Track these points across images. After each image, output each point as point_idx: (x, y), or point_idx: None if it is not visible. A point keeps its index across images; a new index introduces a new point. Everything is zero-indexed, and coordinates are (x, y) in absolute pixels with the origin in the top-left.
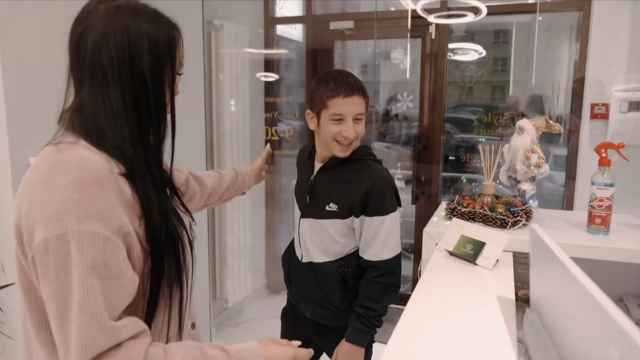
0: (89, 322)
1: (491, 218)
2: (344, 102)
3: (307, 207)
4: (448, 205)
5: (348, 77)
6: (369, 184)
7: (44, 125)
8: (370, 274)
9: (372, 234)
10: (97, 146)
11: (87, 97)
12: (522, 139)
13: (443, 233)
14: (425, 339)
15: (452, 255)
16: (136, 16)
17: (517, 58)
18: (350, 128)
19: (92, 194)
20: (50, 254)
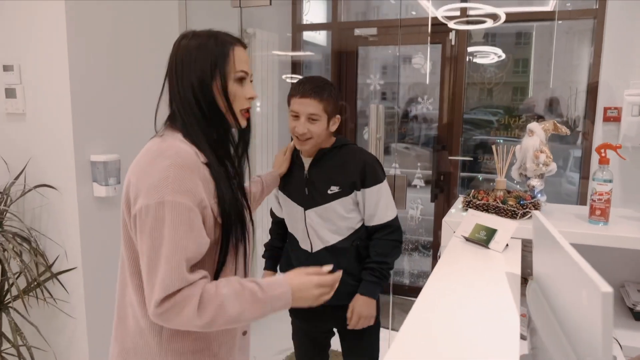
0: (170, 270)
1: (503, 209)
2: (298, 101)
3: (308, 199)
4: (465, 199)
5: (312, 81)
6: (362, 161)
7: (101, 127)
8: (380, 234)
9: (376, 200)
10: (189, 140)
11: (177, 109)
12: (532, 140)
13: (460, 222)
14: (444, 306)
15: (467, 241)
16: (202, 40)
17: (537, 60)
18: (301, 125)
19: (183, 175)
20: (149, 217)
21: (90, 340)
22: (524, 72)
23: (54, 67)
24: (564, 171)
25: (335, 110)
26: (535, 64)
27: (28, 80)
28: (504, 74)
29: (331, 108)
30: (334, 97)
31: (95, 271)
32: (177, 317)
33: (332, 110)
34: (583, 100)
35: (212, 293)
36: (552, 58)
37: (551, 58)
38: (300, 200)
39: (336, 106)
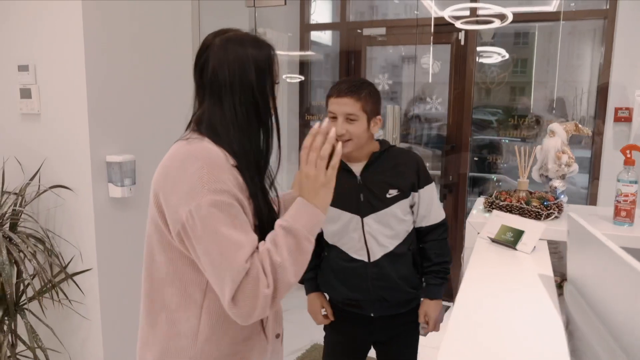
0: (231, 269)
1: (527, 210)
2: (335, 101)
3: (365, 206)
4: (487, 200)
5: (350, 80)
6: (415, 162)
7: (117, 127)
8: (435, 234)
9: (429, 200)
10: (217, 143)
11: (207, 108)
12: (554, 140)
13: (483, 223)
14: (485, 312)
15: (493, 242)
16: (242, 44)
17: (538, 60)
18: (339, 126)
19: (216, 174)
20: (196, 220)
21: (105, 342)
22: (523, 72)
23: (70, 67)
24: None
25: (375, 110)
26: (537, 64)
27: (43, 80)
28: (506, 74)
29: (370, 107)
30: (373, 97)
31: (111, 272)
32: (253, 301)
33: (371, 110)
34: (588, 101)
35: (267, 263)
36: (558, 58)
37: (551, 58)
38: (355, 209)
39: (376, 106)
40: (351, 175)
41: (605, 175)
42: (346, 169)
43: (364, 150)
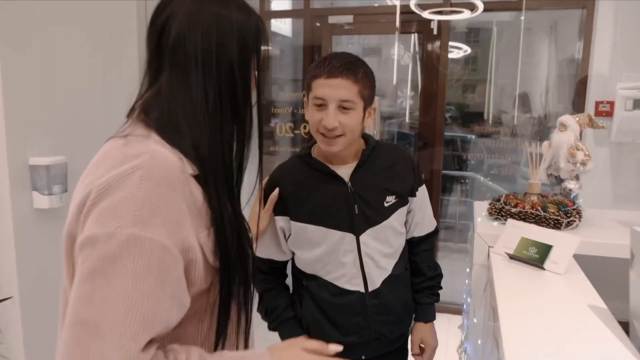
0: (115, 344)
1: (544, 218)
2: (326, 83)
3: (359, 220)
4: (493, 206)
5: (342, 57)
6: (409, 159)
7: (43, 124)
8: (428, 243)
9: (424, 205)
10: (171, 142)
11: (165, 88)
12: (565, 135)
13: (495, 235)
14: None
15: (512, 259)
16: (225, 4)
17: (498, 56)
18: (330, 116)
19: (159, 195)
20: (95, 252)
21: None
22: (483, 68)
23: None
24: (517, 166)
25: (371, 98)
26: (497, 59)
27: None
28: (466, 70)
29: (367, 93)
30: (370, 79)
31: (36, 301)
32: None
33: (368, 95)
34: (555, 96)
35: None
36: (520, 52)
37: (510, 54)
38: (347, 225)
39: (372, 91)
40: (338, 182)
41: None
42: (331, 174)
43: (353, 148)
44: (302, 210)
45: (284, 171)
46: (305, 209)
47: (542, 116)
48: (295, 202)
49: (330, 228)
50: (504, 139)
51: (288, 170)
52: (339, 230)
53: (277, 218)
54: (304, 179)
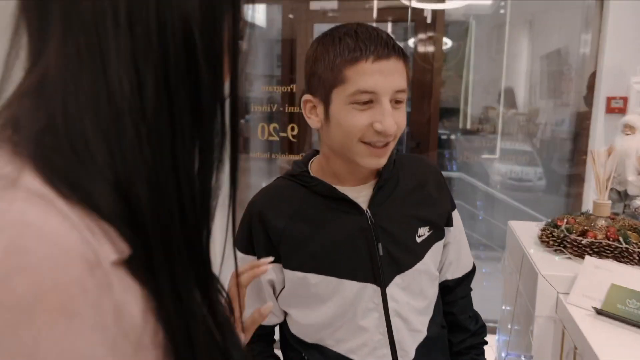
0: None
1: (627, 253)
2: (375, 68)
3: (384, 265)
4: (548, 232)
5: (377, 31)
6: (439, 175)
7: None
8: (465, 287)
9: (458, 234)
10: (66, 189)
11: (55, 72)
12: (635, 140)
13: (566, 278)
14: None
15: (601, 315)
16: None
17: (477, 51)
18: (388, 115)
19: (45, 333)
20: None
21: None
22: (454, 64)
23: None
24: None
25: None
26: (477, 54)
27: None
28: (449, 65)
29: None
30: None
31: None
32: None
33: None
34: (537, 92)
35: None
36: (505, 47)
37: (494, 49)
38: (368, 272)
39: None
40: (353, 211)
41: None
42: (343, 200)
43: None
44: (302, 253)
45: (270, 198)
46: (306, 251)
47: (529, 112)
48: (291, 242)
49: (344, 278)
50: (490, 136)
51: (277, 197)
52: (357, 280)
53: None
54: (303, 207)
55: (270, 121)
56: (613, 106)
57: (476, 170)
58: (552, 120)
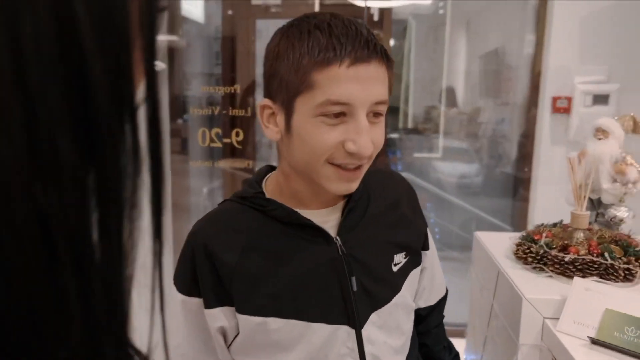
0: None
1: (612, 269)
2: (351, 74)
3: (359, 302)
4: (525, 247)
5: (355, 26)
6: (412, 191)
7: None
8: (439, 314)
9: (432, 257)
10: None
11: None
12: (607, 145)
13: (552, 301)
14: None
15: (596, 345)
16: None
17: (417, 51)
18: (364, 133)
19: None
20: None
21: None
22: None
23: None
24: (443, 162)
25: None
26: (415, 54)
27: None
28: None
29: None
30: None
31: None
32: None
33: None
34: (479, 90)
35: None
36: (446, 46)
37: (429, 47)
38: (341, 312)
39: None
40: (320, 239)
41: (544, 179)
42: (308, 227)
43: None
44: (259, 293)
45: (217, 226)
46: (264, 291)
47: (471, 111)
48: (245, 280)
49: (312, 321)
50: (433, 135)
51: (226, 225)
52: (327, 323)
53: (212, 312)
54: (258, 237)
55: (211, 125)
56: (558, 106)
57: (420, 169)
58: (494, 120)
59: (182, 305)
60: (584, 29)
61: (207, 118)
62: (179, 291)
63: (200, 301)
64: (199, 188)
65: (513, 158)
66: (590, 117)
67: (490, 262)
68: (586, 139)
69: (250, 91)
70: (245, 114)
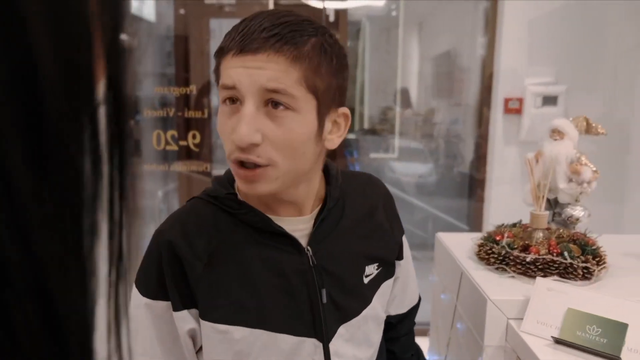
0: None
1: (572, 268)
2: (237, 61)
3: (328, 315)
4: (487, 248)
5: (273, 16)
6: (389, 197)
7: None
8: (410, 322)
9: (406, 265)
10: None
11: None
12: (563, 146)
13: (516, 302)
14: None
15: (561, 344)
16: None
17: (371, 52)
18: (243, 121)
19: None
20: None
21: None
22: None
23: None
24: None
25: (338, 93)
26: (369, 55)
27: None
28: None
29: (326, 81)
30: (333, 56)
31: None
32: None
33: (328, 87)
34: (431, 92)
35: None
36: (399, 48)
37: (381, 49)
38: (309, 324)
39: (342, 82)
40: (290, 248)
41: (499, 179)
42: (278, 234)
43: (309, 187)
44: (224, 301)
45: (184, 227)
46: (230, 298)
47: (425, 112)
48: (210, 286)
49: (278, 332)
50: (389, 136)
51: (194, 226)
52: (294, 334)
53: (181, 314)
54: (228, 242)
55: (166, 127)
56: (510, 107)
57: (377, 170)
58: (448, 120)
59: (147, 309)
60: (532, 31)
61: (160, 120)
62: (143, 295)
63: (167, 304)
64: (154, 191)
65: (467, 158)
66: (540, 118)
67: (453, 263)
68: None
69: (205, 92)
70: (202, 115)
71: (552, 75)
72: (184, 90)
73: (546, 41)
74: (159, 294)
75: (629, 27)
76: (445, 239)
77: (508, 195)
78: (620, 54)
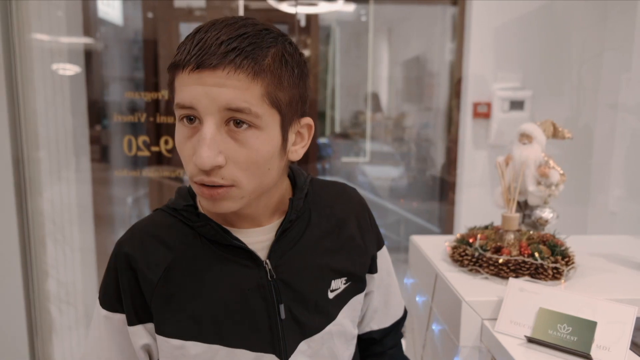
0: None
1: (542, 269)
2: (194, 78)
3: (287, 331)
4: (461, 250)
5: (229, 26)
6: (364, 207)
7: None
8: (395, 336)
9: (386, 277)
10: None
11: None
12: (532, 150)
13: (488, 303)
14: None
15: (532, 343)
16: None
17: (341, 57)
18: (204, 143)
19: None
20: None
21: None
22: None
23: None
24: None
25: (299, 103)
26: (339, 60)
27: None
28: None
29: (288, 94)
30: (293, 66)
31: None
32: None
33: (291, 100)
34: (401, 96)
35: None
36: (369, 52)
37: (351, 53)
38: (266, 340)
39: (302, 91)
40: (248, 261)
41: (469, 182)
42: (235, 248)
43: (272, 200)
44: (180, 315)
45: (143, 239)
46: (186, 313)
47: (396, 116)
48: (166, 300)
49: (234, 347)
50: (361, 140)
51: (152, 238)
52: (251, 350)
53: (135, 329)
54: (185, 255)
55: (136, 133)
56: (479, 111)
57: (348, 173)
58: (418, 124)
59: (106, 321)
60: (499, 37)
61: (131, 125)
62: (102, 306)
63: (123, 317)
64: (123, 198)
65: (438, 161)
66: (508, 122)
67: (428, 265)
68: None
69: None
70: (174, 121)
71: (519, 81)
72: (155, 95)
73: (513, 47)
74: (116, 306)
75: (592, 34)
76: (420, 241)
77: (478, 198)
78: (584, 60)
